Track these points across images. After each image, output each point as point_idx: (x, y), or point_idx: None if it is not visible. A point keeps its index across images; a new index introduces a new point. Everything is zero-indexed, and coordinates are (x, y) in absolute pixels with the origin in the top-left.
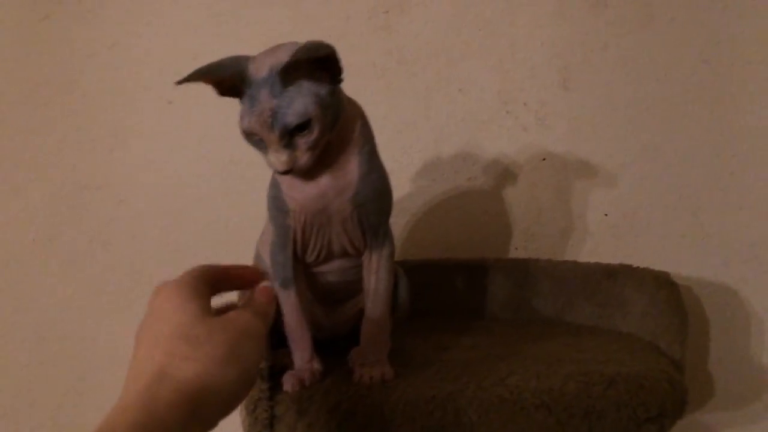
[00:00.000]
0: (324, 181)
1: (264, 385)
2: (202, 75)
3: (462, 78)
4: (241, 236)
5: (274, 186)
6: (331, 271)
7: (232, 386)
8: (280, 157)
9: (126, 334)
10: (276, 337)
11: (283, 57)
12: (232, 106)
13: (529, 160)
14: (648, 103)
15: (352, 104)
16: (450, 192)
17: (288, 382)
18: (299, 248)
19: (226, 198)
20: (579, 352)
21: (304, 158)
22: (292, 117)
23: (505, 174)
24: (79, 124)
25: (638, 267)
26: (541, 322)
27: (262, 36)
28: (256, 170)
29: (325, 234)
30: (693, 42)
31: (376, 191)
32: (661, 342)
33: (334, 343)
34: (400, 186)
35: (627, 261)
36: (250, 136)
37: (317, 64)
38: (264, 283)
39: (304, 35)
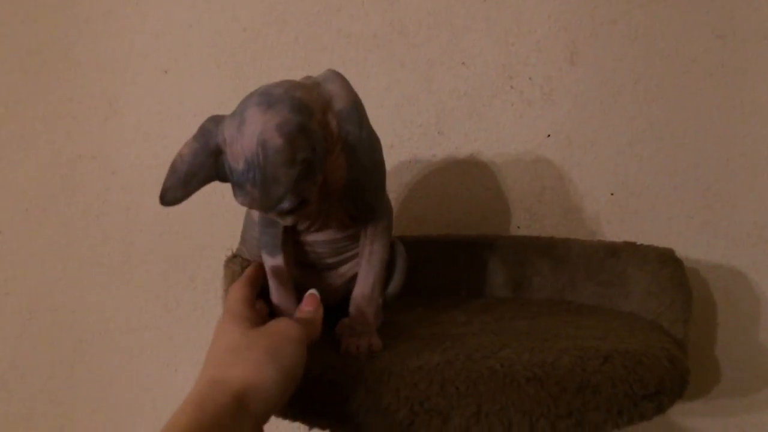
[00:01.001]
0: None
1: None
2: (184, 192)
3: (465, 51)
4: (236, 209)
5: None
6: (323, 240)
7: (273, 383)
8: (285, 221)
9: (118, 306)
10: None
11: (252, 145)
12: (228, 76)
13: (534, 137)
14: (658, 80)
15: (320, 102)
16: (451, 168)
17: None
18: None
19: None
20: (577, 329)
21: (307, 212)
22: (284, 205)
23: (508, 150)
24: (73, 93)
25: (642, 244)
26: (541, 300)
27: (259, 5)
28: None
29: (321, 208)
30: (706, 16)
31: (367, 173)
32: (663, 321)
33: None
34: (399, 160)
35: (633, 241)
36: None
37: None
38: (311, 291)
39: (303, 4)
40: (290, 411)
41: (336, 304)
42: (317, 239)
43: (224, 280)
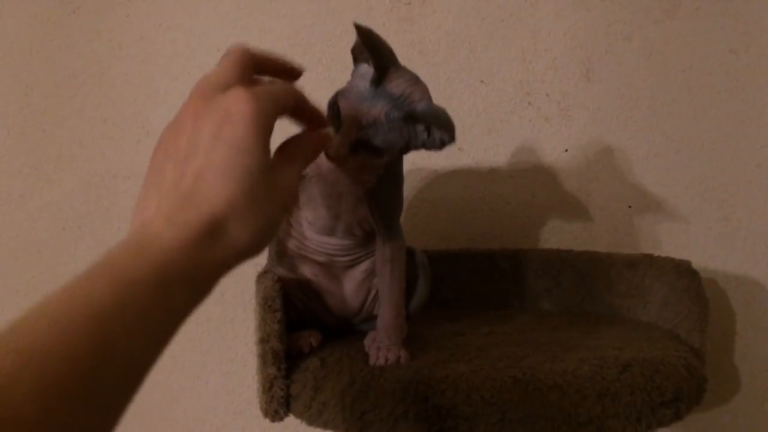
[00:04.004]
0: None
1: (281, 365)
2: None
3: (484, 69)
4: None
5: None
6: (332, 243)
7: (255, 252)
8: (340, 148)
9: None
10: (292, 321)
11: (423, 96)
12: None
13: (552, 152)
14: (673, 95)
15: None
16: (471, 183)
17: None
18: (305, 205)
19: None
20: (596, 339)
21: (349, 162)
22: (378, 141)
23: (527, 165)
24: (107, 116)
25: (659, 256)
26: (560, 312)
27: (284, 29)
28: None
29: (332, 207)
30: (720, 32)
31: (391, 193)
32: (680, 330)
33: (350, 327)
34: (421, 177)
35: (651, 253)
36: (331, 107)
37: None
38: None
39: (327, 27)
40: (320, 419)
41: (357, 312)
42: (326, 242)
43: (256, 296)
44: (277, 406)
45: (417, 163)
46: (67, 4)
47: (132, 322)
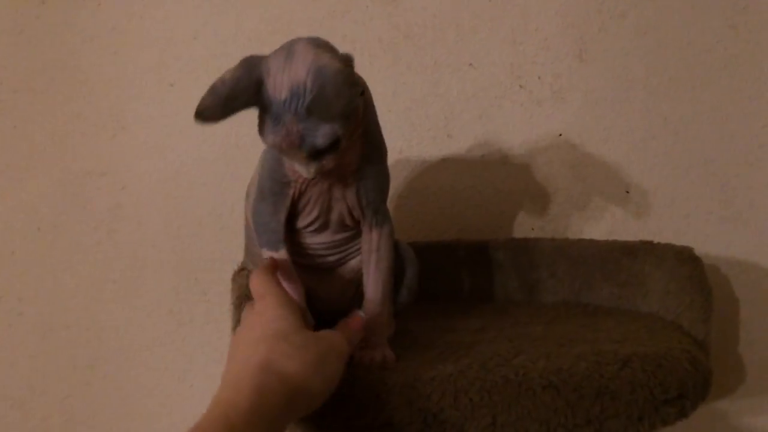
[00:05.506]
0: None
1: None
2: (222, 111)
3: (472, 52)
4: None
5: (275, 159)
6: (322, 242)
7: (317, 391)
8: (308, 169)
9: (131, 322)
10: None
11: (302, 73)
12: None
13: (545, 137)
14: (670, 74)
15: None
16: (462, 171)
17: None
18: (295, 213)
19: (230, 182)
20: (594, 333)
21: (330, 165)
22: (321, 140)
23: (519, 151)
24: (80, 110)
25: (659, 243)
26: (557, 303)
27: (264, 14)
28: (260, 154)
29: (324, 202)
30: (718, 7)
31: (377, 169)
32: (683, 321)
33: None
34: (409, 166)
35: (651, 240)
36: (274, 148)
37: None
38: (358, 312)
39: (308, 11)
40: (303, 424)
41: (344, 308)
42: (316, 241)
43: (232, 294)
44: None
45: (404, 152)
46: None
47: None
